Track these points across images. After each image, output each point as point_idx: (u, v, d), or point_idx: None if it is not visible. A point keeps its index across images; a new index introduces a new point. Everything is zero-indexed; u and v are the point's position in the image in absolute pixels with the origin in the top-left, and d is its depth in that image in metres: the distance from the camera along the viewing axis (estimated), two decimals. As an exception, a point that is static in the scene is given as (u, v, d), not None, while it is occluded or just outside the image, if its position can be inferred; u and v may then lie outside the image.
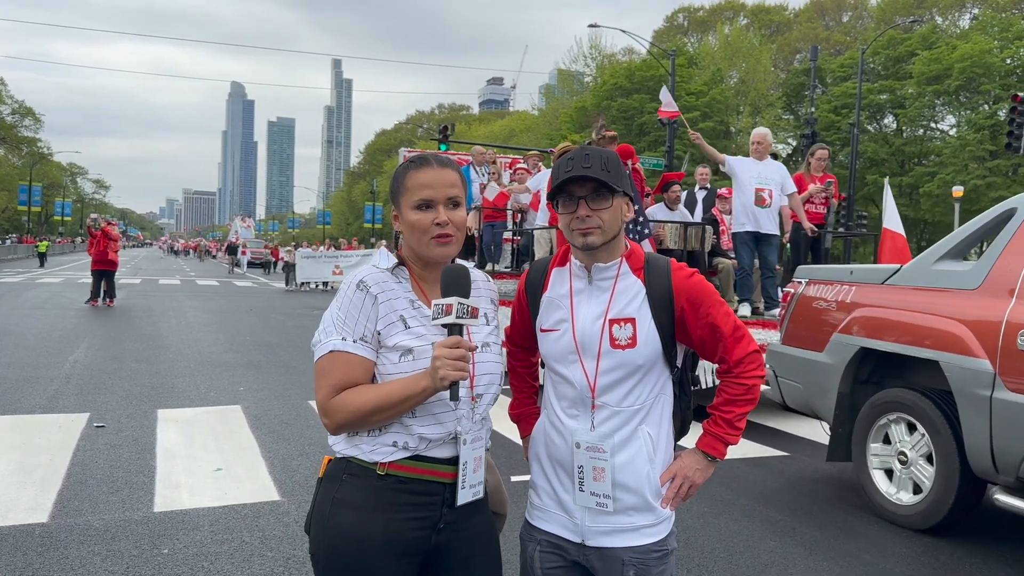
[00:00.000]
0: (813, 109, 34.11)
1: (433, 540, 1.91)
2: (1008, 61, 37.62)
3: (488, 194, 11.46)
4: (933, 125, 43.51)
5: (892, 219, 10.35)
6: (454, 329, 1.78)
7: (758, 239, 8.50)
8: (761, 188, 8.42)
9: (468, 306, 1.78)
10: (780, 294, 8.47)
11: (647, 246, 7.20)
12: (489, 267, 11.22)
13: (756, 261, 8.78)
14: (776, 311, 8.28)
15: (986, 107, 38.10)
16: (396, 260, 1.97)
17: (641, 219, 7.42)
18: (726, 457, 2.09)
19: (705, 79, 45.01)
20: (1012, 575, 4.30)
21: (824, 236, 9.41)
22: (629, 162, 7.89)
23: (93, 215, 22.97)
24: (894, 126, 44.98)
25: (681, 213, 9.28)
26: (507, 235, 11.81)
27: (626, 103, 44.26)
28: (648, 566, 1.99)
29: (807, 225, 8.77)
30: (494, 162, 12.80)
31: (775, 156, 9.11)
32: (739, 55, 46.57)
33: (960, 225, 31.52)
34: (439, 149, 19.86)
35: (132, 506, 4.86)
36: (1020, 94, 21.22)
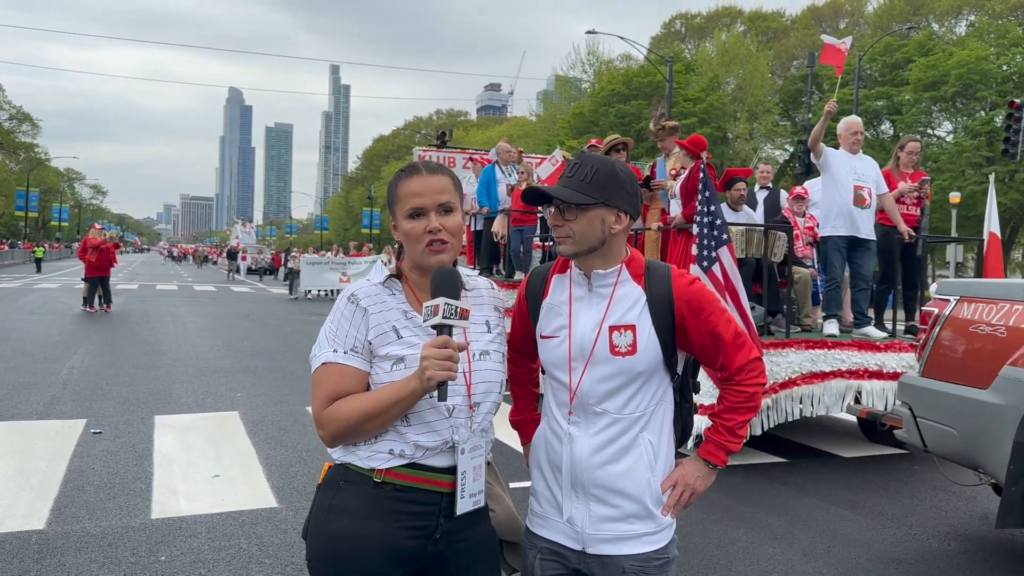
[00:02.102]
0: (810, 115, 34.17)
1: (429, 550, 1.90)
2: (1004, 68, 37.74)
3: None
4: (930, 131, 43.61)
5: (995, 222, 9.65)
6: (443, 330, 1.78)
7: (853, 245, 7.41)
8: (860, 186, 7.32)
9: (457, 307, 1.78)
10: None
11: (726, 255, 6.20)
12: (518, 276, 10.30)
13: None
14: (867, 328, 7.40)
15: (983, 113, 38.20)
16: (389, 274, 1.99)
17: (719, 222, 6.29)
18: (727, 464, 2.09)
19: (702, 85, 45.10)
20: (1009, 569, 4.29)
21: (919, 242, 8.11)
22: (704, 156, 6.99)
23: (106, 231, 22.13)
24: (891, 132, 45.08)
25: (746, 214, 8.13)
26: (537, 240, 11.10)
27: (624, 109, 44.31)
28: (649, 574, 1.99)
29: (903, 228, 7.60)
30: (520, 160, 11.68)
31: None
32: (736, 61, 46.65)
33: (957, 232, 31.44)
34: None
35: (129, 513, 4.85)
36: (1016, 100, 21.29)
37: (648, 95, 44.30)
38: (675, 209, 7.53)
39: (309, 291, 27.41)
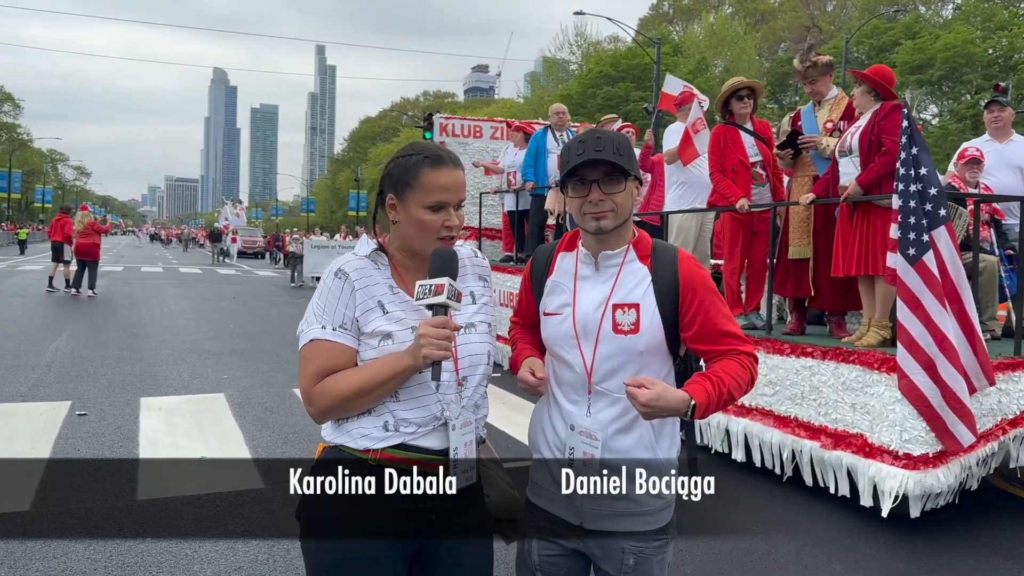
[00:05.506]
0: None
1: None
2: (990, 51, 37.88)
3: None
4: (915, 114, 43.78)
5: None
6: (439, 310, 1.78)
7: None
8: None
9: (456, 289, 1.78)
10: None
11: (943, 238, 4.49)
12: None
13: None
14: None
15: (968, 97, 38.38)
16: (375, 246, 1.96)
17: (933, 192, 4.50)
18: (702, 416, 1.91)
19: (690, 68, 45.00)
20: (992, 559, 4.35)
21: None
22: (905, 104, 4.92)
23: (94, 214, 21.57)
24: (878, 115, 45.16)
25: None
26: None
27: (611, 91, 44.20)
28: (648, 555, 2.00)
29: None
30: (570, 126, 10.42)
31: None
32: (724, 44, 46.63)
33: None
34: (424, 137, 19.40)
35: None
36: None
37: (636, 77, 44.24)
38: (848, 172, 5.26)
39: (316, 277, 25.01)
